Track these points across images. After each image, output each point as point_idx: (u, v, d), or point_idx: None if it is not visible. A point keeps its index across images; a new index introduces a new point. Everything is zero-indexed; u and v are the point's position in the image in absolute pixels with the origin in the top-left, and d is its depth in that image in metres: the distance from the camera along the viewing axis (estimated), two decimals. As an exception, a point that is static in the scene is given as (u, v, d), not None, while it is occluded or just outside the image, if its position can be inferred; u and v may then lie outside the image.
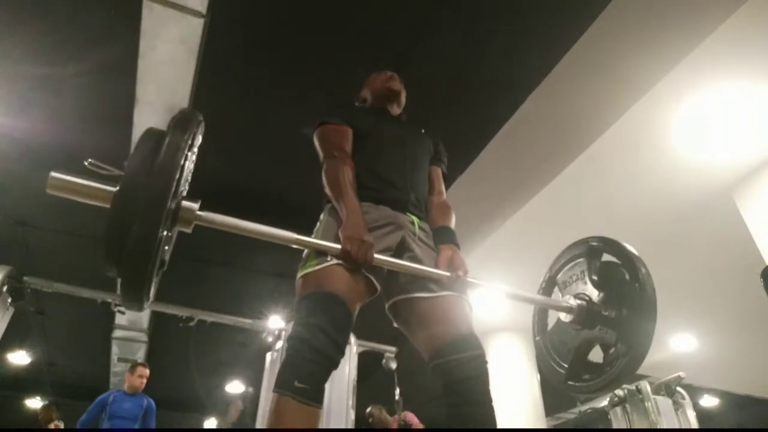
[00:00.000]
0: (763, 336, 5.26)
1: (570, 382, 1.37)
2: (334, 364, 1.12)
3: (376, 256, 1.20)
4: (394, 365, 5.21)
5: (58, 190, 0.99)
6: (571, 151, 3.26)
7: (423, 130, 1.73)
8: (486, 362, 1.23)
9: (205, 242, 5.16)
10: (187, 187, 1.13)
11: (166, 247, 1.06)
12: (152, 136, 1.00)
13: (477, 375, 1.19)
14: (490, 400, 1.20)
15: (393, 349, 5.14)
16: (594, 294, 1.37)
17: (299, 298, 1.22)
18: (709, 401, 7.82)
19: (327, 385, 1.11)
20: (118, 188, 0.94)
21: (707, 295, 4.72)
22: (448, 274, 1.28)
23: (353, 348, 4.47)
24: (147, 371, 4.28)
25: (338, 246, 1.19)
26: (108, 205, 0.94)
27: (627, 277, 1.32)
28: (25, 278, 4.33)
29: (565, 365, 1.40)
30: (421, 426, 4.83)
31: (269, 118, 3.79)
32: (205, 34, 2.92)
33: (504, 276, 4.30)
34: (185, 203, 1.07)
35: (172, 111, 1.03)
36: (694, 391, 6.15)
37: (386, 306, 1.40)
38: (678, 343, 5.65)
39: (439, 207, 1.57)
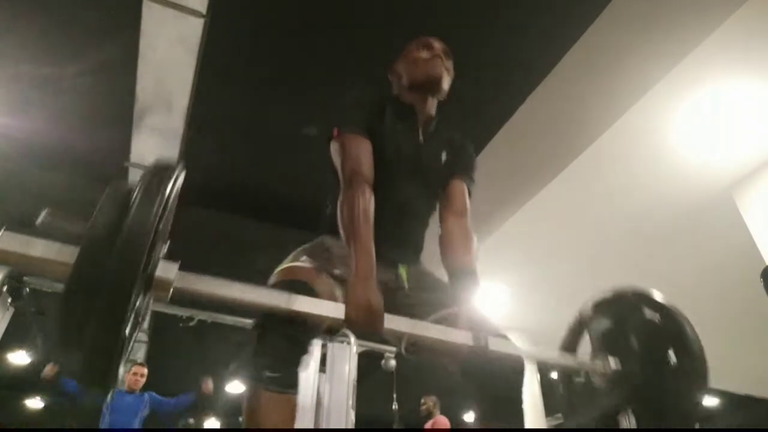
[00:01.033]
0: (763, 336, 5.25)
1: None
2: (303, 349, 1.06)
3: (386, 325, 1.04)
4: (394, 365, 5.21)
5: (6, 262, 0.82)
6: (571, 151, 3.26)
7: (451, 137, 1.47)
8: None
9: (205, 242, 5.16)
10: (165, 249, 0.96)
11: (139, 319, 0.91)
12: (119, 191, 0.84)
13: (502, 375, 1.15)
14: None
15: (393, 349, 5.13)
16: (629, 354, 1.20)
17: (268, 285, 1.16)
18: (709, 401, 7.82)
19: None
20: (77, 258, 0.77)
21: (707, 295, 4.71)
22: (470, 342, 1.10)
23: (353, 348, 4.47)
24: (144, 369, 4.40)
25: (341, 306, 1.03)
26: (64, 281, 0.77)
27: (672, 339, 1.17)
28: (25, 278, 4.32)
29: (591, 422, 1.26)
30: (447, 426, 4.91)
31: (269, 117, 3.79)
32: (205, 34, 2.92)
33: (504, 277, 4.30)
34: (162, 270, 0.89)
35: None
36: (694, 391, 6.14)
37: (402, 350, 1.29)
38: (678, 343, 5.64)
39: (460, 236, 1.31)
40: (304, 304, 0.98)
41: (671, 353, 1.15)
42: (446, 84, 1.42)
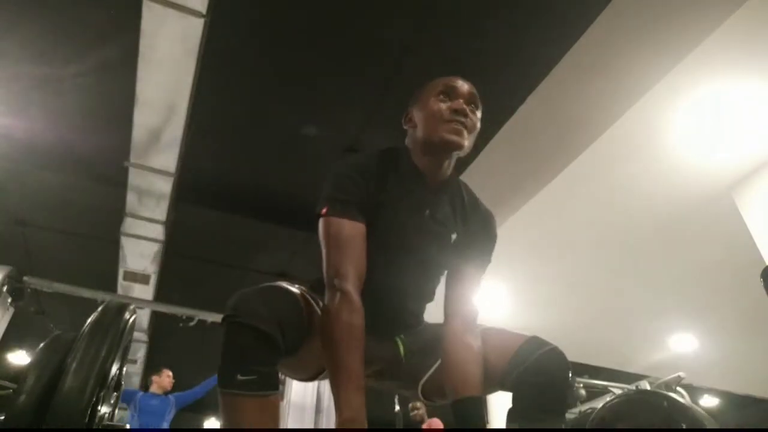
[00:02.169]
0: (763, 336, 5.25)
1: None
2: (278, 343, 0.92)
3: None
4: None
5: None
6: (571, 151, 3.26)
7: (464, 209, 1.26)
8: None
9: (205, 242, 5.16)
10: (117, 395, 0.83)
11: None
12: (56, 349, 0.71)
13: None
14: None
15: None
16: None
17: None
18: (709, 401, 7.82)
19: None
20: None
21: (707, 295, 4.71)
22: None
23: (353, 348, 4.46)
24: (170, 372, 4.66)
25: None
26: None
27: None
28: (25, 278, 4.32)
29: None
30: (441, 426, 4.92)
31: (269, 117, 3.79)
32: (205, 34, 2.92)
33: (504, 276, 4.30)
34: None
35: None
36: (694, 391, 6.15)
37: (419, 393, 1.19)
38: (678, 343, 5.64)
39: (464, 350, 1.09)
40: None
41: None
42: (468, 146, 1.18)
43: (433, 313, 1.26)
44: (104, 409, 0.74)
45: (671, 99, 2.79)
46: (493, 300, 4.63)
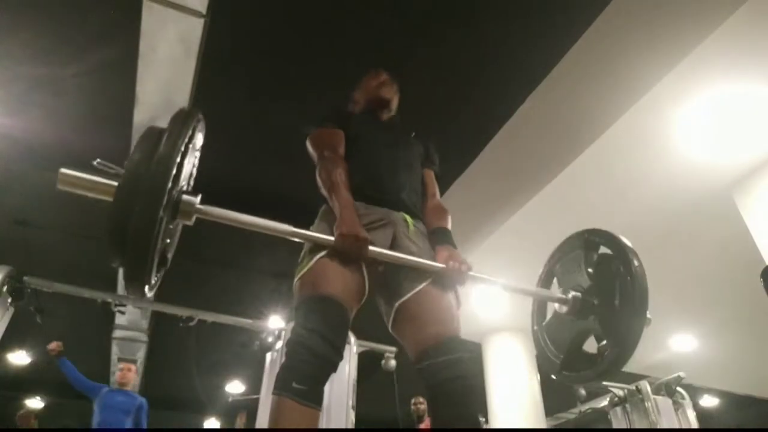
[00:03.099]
0: (763, 336, 5.26)
1: (564, 372, 1.41)
2: (333, 367, 1.16)
3: (371, 248, 1.22)
4: (394, 365, 5.21)
5: (68, 186, 1.05)
6: (571, 151, 3.26)
7: (413, 134, 1.74)
8: (465, 364, 1.24)
9: (206, 242, 5.16)
10: (191, 183, 1.19)
11: (168, 240, 1.11)
12: (152, 133, 1.03)
13: (455, 377, 1.20)
14: (471, 402, 1.21)
15: (393, 349, 5.13)
16: (588, 285, 1.39)
17: (297, 302, 1.26)
18: (709, 401, 7.82)
19: (327, 386, 1.14)
20: (121, 179, 0.98)
21: (707, 295, 4.72)
22: (444, 266, 1.30)
23: (353, 348, 4.47)
24: (132, 365, 4.44)
25: (332, 238, 1.23)
26: (111, 198, 0.99)
27: (621, 269, 1.33)
28: (25, 278, 4.32)
29: (561, 356, 1.43)
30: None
31: (269, 117, 3.79)
32: (205, 34, 2.92)
33: (503, 276, 4.30)
34: (186, 197, 1.11)
35: (172, 111, 1.03)
36: (694, 391, 6.15)
37: (389, 324, 1.39)
38: (678, 343, 5.64)
39: (434, 210, 1.56)
40: (301, 234, 1.25)
41: (617, 284, 1.32)
42: (394, 104, 1.76)
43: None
44: (181, 187, 1.10)
45: (671, 100, 2.80)
46: (494, 300, 4.63)
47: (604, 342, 1.30)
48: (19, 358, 7.00)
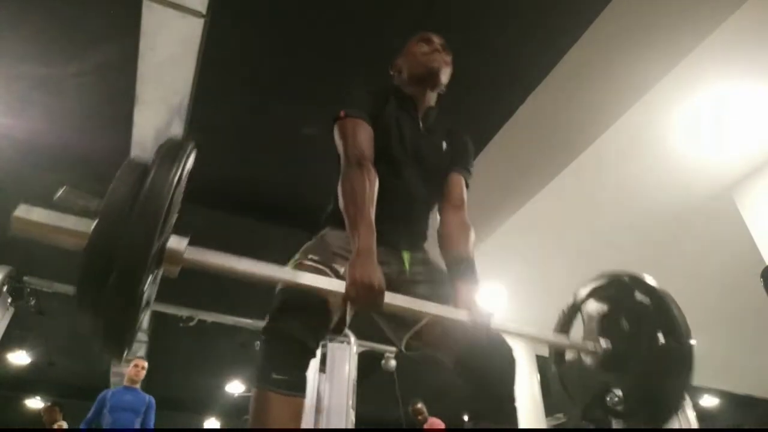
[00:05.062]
0: (763, 336, 5.26)
1: (584, 422, 1.29)
2: (311, 352, 1.09)
3: (386, 300, 1.04)
4: (394, 365, 5.22)
5: (29, 232, 0.84)
6: (570, 152, 3.26)
7: (449, 130, 1.50)
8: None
9: (206, 242, 5.16)
10: (174, 220, 0.99)
11: (152, 293, 0.96)
12: (135, 167, 0.86)
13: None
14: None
15: (393, 349, 5.14)
16: (621, 337, 1.23)
17: (276, 291, 1.18)
18: (709, 401, 7.82)
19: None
20: (95, 226, 0.80)
21: (707, 295, 4.71)
22: (466, 317, 1.13)
23: (353, 348, 4.47)
24: (144, 363, 4.29)
25: (342, 283, 1.03)
26: (84, 243, 0.80)
27: (664, 329, 1.17)
28: (25, 278, 4.33)
29: (581, 403, 1.30)
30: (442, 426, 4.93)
31: (269, 117, 3.79)
32: (205, 34, 2.92)
33: (503, 277, 4.30)
34: (172, 242, 0.93)
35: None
36: (694, 391, 6.16)
37: (402, 346, 1.30)
38: (678, 343, 5.64)
39: (458, 228, 1.33)
40: (307, 278, 1.04)
41: (660, 335, 1.17)
42: (445, 77, 1.45)
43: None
44: (170, 226, 0.92)
45: (671, 100, 2.80)
46: (494, 300, 4.63)
47: (633, 402, 1.18)
48: (19, 358, 7.00)
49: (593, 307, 1.35)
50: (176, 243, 0.93)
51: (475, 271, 1.27)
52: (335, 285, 1.04)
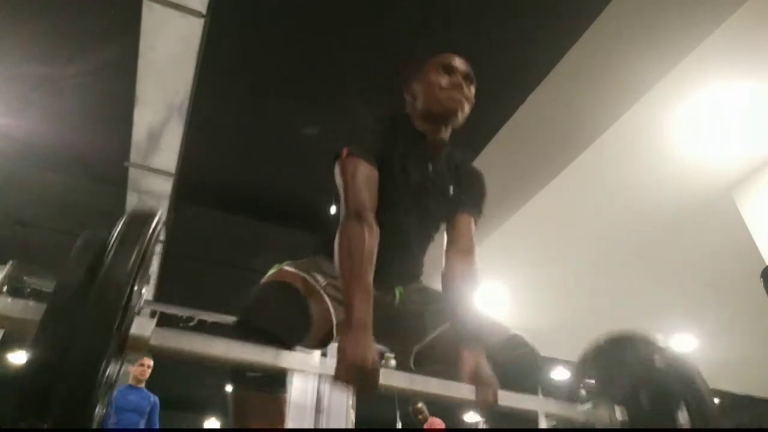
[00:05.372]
0: (764, 336, 5.25)
1: None
2: (287, 348, 0.98)
3: (382, 381, 0.92)
4: (394, 365, 5.21)
5: None
6: (570, 151, 3.26)
7: (460, 166, 1.39)
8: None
9: (206, 242, 5.16)
10: (142, 302, 0.88)
11: (111, 382, 0.80)
12: (92, 244, 0.76)
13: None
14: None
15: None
16: (637, 410, 1.09)
17: (252, 290, 1.12)
18: (708, 401, 7.82)
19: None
20: (42, 317, 0.69)
21: (707, 295, 4.71)
22: (471, 395, 1.00)
23: (353, 348, 4.45)
24: (150, 362, 4.22)
25: (333, 362, 0.92)
26: (33, 332, 0.68)
27: (685, 406, 1.04)
28: (25, 278, 4.33)
29: None
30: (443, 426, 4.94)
31: (269, 117, 3.79)
32: (205, 34, 2.92)
33: (503, 276, 4.30)
34: (137, 328, 0.80)
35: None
36: (694, 391, 6.14)
37: (411, 362, 1.25)
38: (678, 343, 5.64)
39: (464, 277, 1.21)
40: (290, 359, 0.90)
41: (683, 408, 1.05)
42: (463, 115, 1.30)
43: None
44: (133, 309, 0.80)
45: (671, 100, 2.80)
46: (494, 300, 4.63)
47: None
48: (19, 358, 6.99)
49: (605, 369, 1.22)
50: (141, 328, 0.80)
51: (480, 324, 1.16)
52: (326, 367, 0.92)
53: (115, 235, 0.76)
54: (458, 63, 1.32)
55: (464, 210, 1.34)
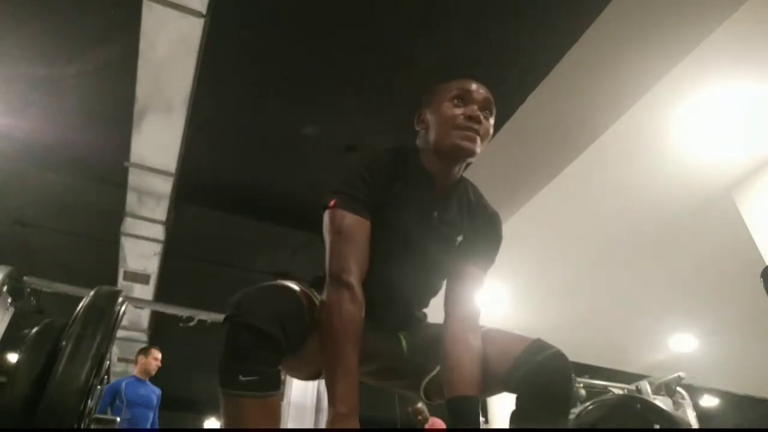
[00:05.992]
0: (763, 336, 5.25)
1: None
2: (281, 349, 0.91)
3: None
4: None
5: None
6: (570, 151, 3.26)
7: (470, 206, 1.26)
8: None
9: (205, 242, 5.16)
10: (100, 389, 0.78)
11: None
12: (49, 334, 0.68)
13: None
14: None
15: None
16: None
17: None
18: (709, 401, 7.81)
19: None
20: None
21: (707, 295, 4.71)
22: None
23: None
24: (159, 354, 4.19)
25: None
26: None
27: None
28: (25, 278, 4.32)
29: None
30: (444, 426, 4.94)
31: (269, 117, 3.79)
32: (205, 34, 2.92)
33: (503, 276, 4.30)
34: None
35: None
36: (694, 391, 6.15)
37: (421, 393, 1.20)
38: (678, 343, 5.64)
39: (463, 349, 1.08)
40: None
41: None
42: (480, 150, 1.16)
43: (435, 311, 1.27)
44: (91, 403, 0.70)
45: (671, 99, 2.79)
46: (494, 300, 4.63)
47: None
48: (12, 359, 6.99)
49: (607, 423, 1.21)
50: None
51: (478, 407, 1.05)
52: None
53: (75, 321, 0.65)
54: (475, 90, 1.20)
55: (473, 261, 1.21)
